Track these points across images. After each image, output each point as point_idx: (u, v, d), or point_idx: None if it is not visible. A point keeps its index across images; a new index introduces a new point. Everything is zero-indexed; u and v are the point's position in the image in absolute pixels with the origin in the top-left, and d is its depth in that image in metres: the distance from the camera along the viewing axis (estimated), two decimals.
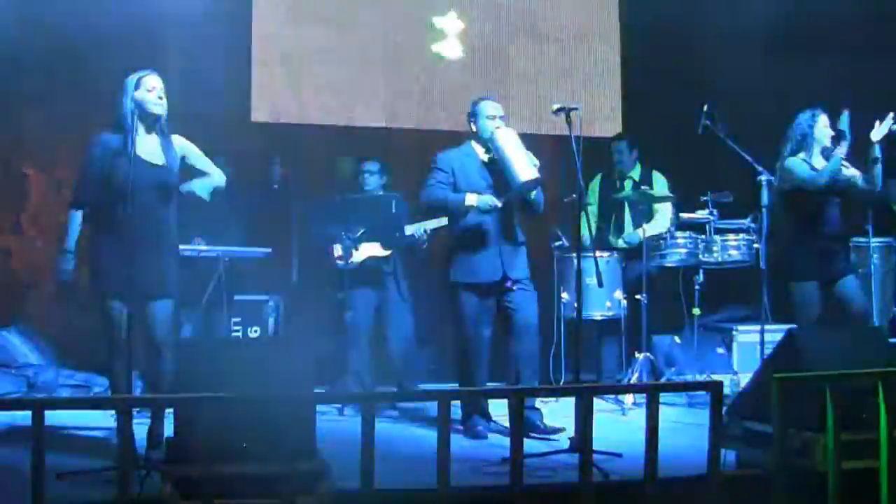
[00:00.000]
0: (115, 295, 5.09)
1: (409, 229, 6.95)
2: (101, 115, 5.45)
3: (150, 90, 5.17)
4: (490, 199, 6.01)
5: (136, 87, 5.15)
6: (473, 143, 6.24)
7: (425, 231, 6.86)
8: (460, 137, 6.45)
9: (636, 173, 7.82)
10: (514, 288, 6.08)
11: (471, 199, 6.04)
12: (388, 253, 7.20)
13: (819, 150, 6.37)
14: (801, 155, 6.38)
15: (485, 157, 6.16)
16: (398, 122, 8.76)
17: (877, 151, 6.24)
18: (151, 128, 5.23)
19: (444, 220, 6.58)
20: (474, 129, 6.20)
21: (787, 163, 6.37)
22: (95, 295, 5.22)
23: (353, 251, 7.11)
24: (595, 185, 7.90)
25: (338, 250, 7.14)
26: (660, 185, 7.71)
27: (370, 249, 7.18)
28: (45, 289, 7.97)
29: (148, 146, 5.20)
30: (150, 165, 5.15)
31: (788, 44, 8.62)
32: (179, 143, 5.35)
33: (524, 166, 5.86)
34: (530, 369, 6.09)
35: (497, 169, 6.03)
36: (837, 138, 6.28)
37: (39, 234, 8.07)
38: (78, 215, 5.23)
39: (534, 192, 6.08)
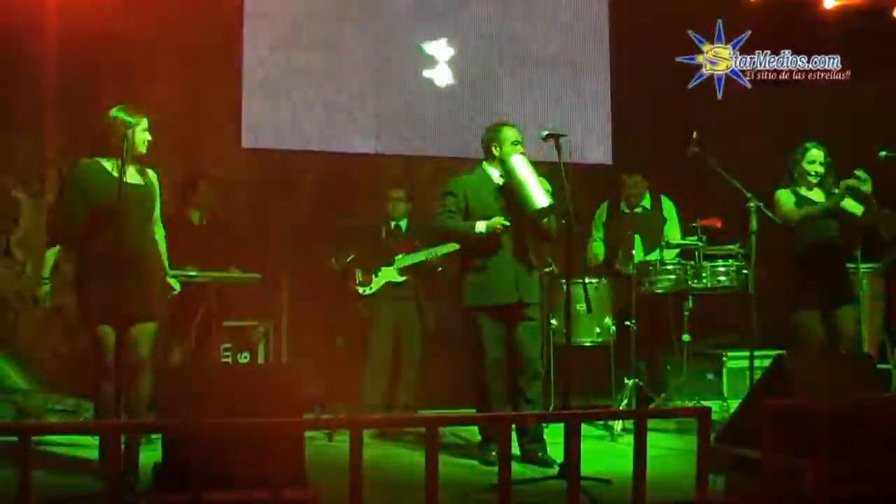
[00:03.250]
0: (103, 319, 5.13)
1: (410, 258, 7.06)
2: (91, 141, 5.49)
3: (145, 130, 5.36)
4: (499, 221, 5.94)
5: (135, 124, 5.31)
6: (487, 167, 6.19)
7: (437, 255, 6.93)
8: (450, 163, 6.46)
9: (647, 201, 7.88)
10: (528, 315, 6.06)
11: (480, 227, 5.98)
12: (404, 279, 7.27)
13: (807, 181, 6.48)
14: (792, 187, 6.49)
15: (499, 181, 6.10)
16: (389, 149, 8.78)
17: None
18: (134, 159, 5.37)
19: (454, 245, 6.64)
20: (496, 153, 6.13)
21: (776, 194, 6.48)
22: (84, 319, 5.25)
23: (373, 277, 7.22)
24: (603, 210, 7.94)
25: (358, 276, 7.24)
26: (669, 209, 7.81)
27: (387, 275, 7.26)
28: (34, 314, 7.96)
29: (129, 171, 5.32)
30: (132, 187, 5.29)
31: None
32: (155, 175, 5.53)
33: (538, 193, 5.85)
34: (536, 405, 6.08)
35: (510, 192, 6.00)
36: (834, 183, 6.43)
37: (28, 258, 8.05)
38: (53, 250, 5.35)
39: (546, 220, 6.03)
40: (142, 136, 5.34)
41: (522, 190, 5.88)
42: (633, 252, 7.52)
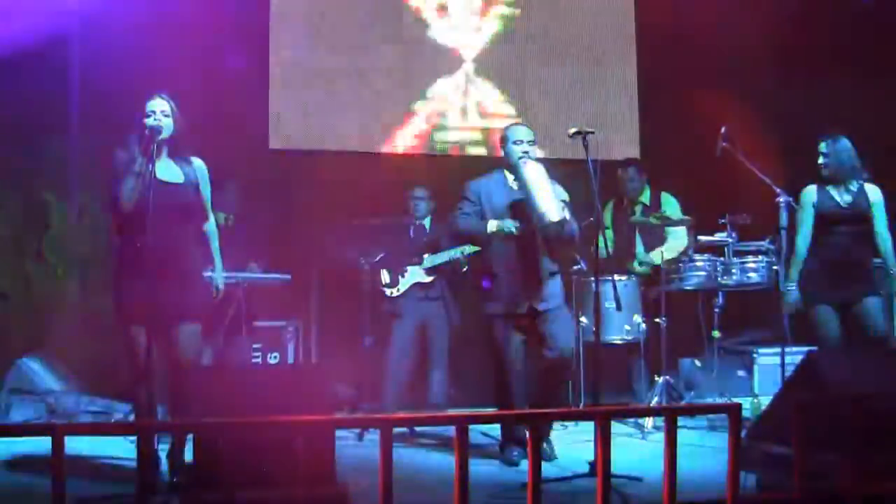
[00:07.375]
0: (138, 321, 5.08)
1: (437, 258, 7.03)
2: (120, 143, 5.50)
3: (149, 115, 5.21)
4: (508, 224, 5.96)
5: (143, 112, 5.22)
6: (506, 170, 6.18)
7: (462, 253, 6.89)
8: (474, 162, 6.45)
9: (646, 197, 7.79)
10: (546, 316, 6.01)
11: (491, 226, 6.01)
12: (431, 279, 7.23)
13: (823, 176, 6.41)
14: (818, 184, 6.42)
15: (514, 185, 6.08)
16: (414, 148, 8.79)
17: None
18: (167, 149, 5.26)
19: (469, 247, 6.64)
20: (503, 153, 6.15)
21: (801, 193, 6.45)
22: (119, 321, 5.20)
23: (400, 278, 7.18)
24: (608, 209, 7.88)
25: (385, 277, 7.20)
26: (670, 206, 7.68)
27: (415, 276, 7.23)
28: (65, 315, 8.01)
29: (164, 166, 5.21)
30: (166, 184, 5.15)
31: (805, 64, 8.66)
32: (199, 165, 5.40)
33: (549, 206, 5.74)
34: (554, 400, 6.06)
35: (521, 201, 5.96)
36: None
37: (60, 260, 8.10)
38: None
39: (563, 228, 5.93)
40: (148, 120, 5.17)
41: (533, 203, 5.80)
42: (636, 252, 7.58)
